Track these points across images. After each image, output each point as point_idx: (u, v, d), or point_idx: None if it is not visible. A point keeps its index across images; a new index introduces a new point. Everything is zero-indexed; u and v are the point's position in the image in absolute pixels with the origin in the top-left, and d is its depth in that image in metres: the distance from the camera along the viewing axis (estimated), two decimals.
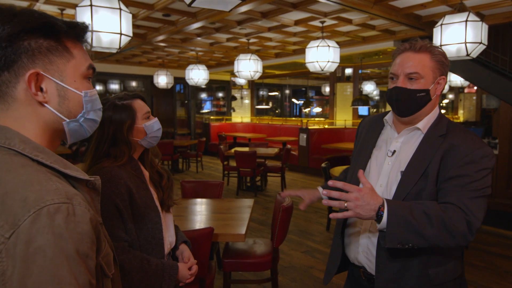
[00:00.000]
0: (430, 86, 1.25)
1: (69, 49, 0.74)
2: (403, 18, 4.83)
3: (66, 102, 0.74)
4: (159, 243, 1.45)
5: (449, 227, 1.12)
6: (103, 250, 0.69)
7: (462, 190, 1.17)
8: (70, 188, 0.65)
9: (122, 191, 1.36)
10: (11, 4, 0.71)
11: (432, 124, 1.29)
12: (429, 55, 1.24)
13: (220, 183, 3.43)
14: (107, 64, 9.92)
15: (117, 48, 3.48)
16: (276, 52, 8.11)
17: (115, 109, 1.44)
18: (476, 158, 1.19)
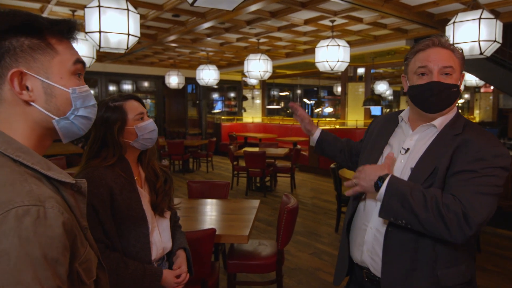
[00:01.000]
0: (458, 82, 1.24)
1: (53, 46, 0.72)
2: (415, 16, 4.73)
3: (54, 99, 0.73)
4: (145, 247, 1.41)
5: (442, 213, 1.08)
6: (81, 255, 0.68)
7: (465, 184, 1.13)
8: (46, 190, 0.63)
9: (101, 191, 1.34)
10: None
11: (448, 123, 1.26)
12: (452, 52, 1.23)
13: (226, 183, 3.42)
14: (119, 65, 10.04)
15: (125, 48, 3.50)
16: (286, 51, 8.06)
17: (106, 111, 1.44)
18: (487, 156, 1.14)
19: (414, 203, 1.10)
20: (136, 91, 13.70)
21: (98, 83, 10.12)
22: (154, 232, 1.49)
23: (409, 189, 1.13)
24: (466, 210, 1.08)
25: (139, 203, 1.45)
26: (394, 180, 1.16)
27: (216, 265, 2.56)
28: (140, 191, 1.49)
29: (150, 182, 1.56)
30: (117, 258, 1.34)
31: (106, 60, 9.33)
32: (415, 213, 1.10)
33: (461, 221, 1.08)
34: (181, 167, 8.84)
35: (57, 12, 5.07)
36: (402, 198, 1.12)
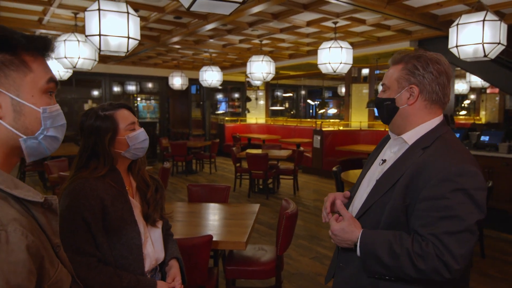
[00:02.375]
0: (395, 95, 1.23)
1: (26, 63, 0.71)
2: (419, 18, 4.68)
3: (23, 118, 0.70)
4: (138, 259, 1.39)
5: (416, 265, 1.05)
6: (51, 277, 0.65)
7: (436, 217, 1.05)
8: (9, 212, 0.61)
9: (92, 203, 1.32)
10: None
11: (421, 136, 1.21)
12: (402, 65, 1.22)
13: (226, 187, 3.39)
14: (124, 66, 10.06)
15: (125, 51, 3.50)
16: (289, 53, 8.03)
17: (96, 120, 1.41)
18: (451, 176, 1.05)
19: (389, 263, 1.09)
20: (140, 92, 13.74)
21: (102, 84, 10.16)
22: (147, 243, 1.46)
23: (381, 249, 1.10)
24: (442, 256, 1.02)
25: (131, 215, 1.42)
26: (365, 244, 1.14)
27: (215, 270, 2.53)
28: (132, 202, 1.46)
29: (141, 191, 1.53)
30: (111, 272, 1.31)
31: (110, 61, 9.36)
32: (394, 272, 1.10)
33: (439, 268, 1.03)
34: (184, 168, 8.84)
35: (60, 15, 5.09)
36: (377, 260, 1.11)
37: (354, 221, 1.20)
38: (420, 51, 1.23)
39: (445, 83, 1.19)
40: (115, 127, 1.42)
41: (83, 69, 4.76)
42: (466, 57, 3.71)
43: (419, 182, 1.10)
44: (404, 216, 1.13)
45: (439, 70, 1.18)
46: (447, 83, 1.20)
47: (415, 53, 1.21)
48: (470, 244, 1.03)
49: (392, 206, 1.14)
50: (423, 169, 1.11)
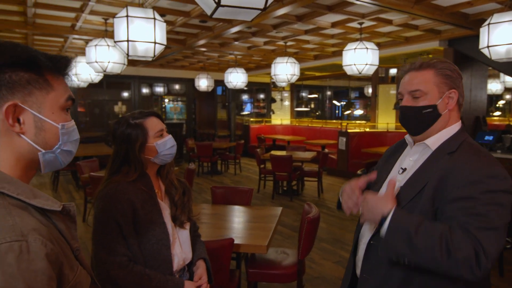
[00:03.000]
0: (437, 102, 1.19)
1: (49, 82, 0.75)
2: (448, 17, 4.54)
3: (43, 133, 0.75)
4: (167, 259, 1.46)
5: (452, 255, 1.00)
6: (70, 281, 0.70)
7: (467, 216, 1.04)
8: (29, 222, 0.65)
9: (124, 206, 1.40)
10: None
11: (444, 141, 1.20)
12: (433, 71, 1.20)
13: (249, 189, 3.42)
14: (152, 69, 10.32)
15: (152, 56, 3.60)
16: (314, 54, 7.98)
17: (127, 128, 1.48)
18: (481, 177, 1.06)
19: (420, 242, 1.03)
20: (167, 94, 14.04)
21: (132, 86, 10.45)
22: (175, 244, 1.53)
23: (414, 227, 1.05)
24: (478, 250, 1.00)
25: (161, 217, 1.49)
26: (397, 216, 1.09)
27: (237, 273, 2.57)
28: (161, 204, 1.53)
29: (169, 194, 1.60)
30: (141, 271, 1.38)
31: (139, 64, 9.62)
32: (420, 253, 1.04)
33: (473, 264, 1.00)
34: (209, 169, 8.96)
35: (91, 21, 5.29)
36: (406, 237, 1.05)
37: (392, 197, 1.14)
38: (436, 59, 1.23)
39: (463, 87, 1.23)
40: (145, 134, 1.49)
41: (112, 72, 4.93)
42: (498, 57, 3.57)
43: (448, 185, 1.09)
44: (434, 220, 1.12)
45: (460, 74, 1.22)
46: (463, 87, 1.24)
47: (435, 60, 1.22)
48: (499, 244, 1.03)
49: (421, 211, 1.12)
50: (452, 172, 1.10)
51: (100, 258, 1.35)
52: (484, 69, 6.29)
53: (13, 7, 4.72)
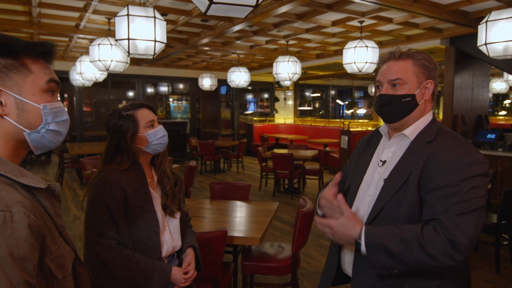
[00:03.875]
0: (415, 91, 1.23)
1: (27, 66, 0.80)
2: (448, 15, 4.55)
3: (25, 114, 0.79)
4: (155, 245, 1.51)
5: (428, 252, 1.06)
6: (53, 252, 0.75)
7: (447, 203, 1.09)
8: (15, 196, 0.70)
9: (115, 193, 1.46)
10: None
11: (421, 131, 1.24)
12: (411, 61, 1.23)
13: (247, 185, 3.48)
14: (156, 68, 10.41)
15: (152, 54, 3.66)
16: (317, 53, 8.01)
17: (119, 119, 1.55)
18: (462, 165, 1.11)
19: (398, 252, 1.09)
20: (172, 93, 14.15)
21: (136, 86, 10.55)
22: (165, 231, 1.59)
23: (389, 239, 1.10)
24: (452, 236, 1.05)
25: (151, 204, 1.56)
26: (371, 236, 1.13)
27: (232, 265, 2.62)
28: (152, 193, 1.60)
29: (162, 184, 1.67)
30: (129, 255, 1.44)
31: (143, 64, 9.72)
32: (403, 261, 1.09)
33: (450, 250, 1.06)
34: (212, 167, 9.03)
35: (95, 20, 5.38)
36: (385, 251, 1.10)
37: (354, 217, 1.18)
38: (413, 49, 1.25)
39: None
40: (136, 125, 1.57)
41: (115, 71, 5.00)
42: (496, 55, 3.58)
43: (430, 174, 1.14)
44: (420, 209, 1.16)
45: (436, 66, 1.25)
46: None
47: (412, 50, 1.25)
48: (478, 225, 1.08)
49: (410, 201, 1.16)
50: (433, 161, 1.15)
51: (91, 240, 1.42)
52: (486, 68, 6.27)
53: (18, 7, 4.82)
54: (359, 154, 1.43)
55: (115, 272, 1.40)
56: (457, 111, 5.98)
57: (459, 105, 5.99)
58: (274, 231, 4.70)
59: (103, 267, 1.40)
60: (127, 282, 1.41)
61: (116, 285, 1.42)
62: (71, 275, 0.83)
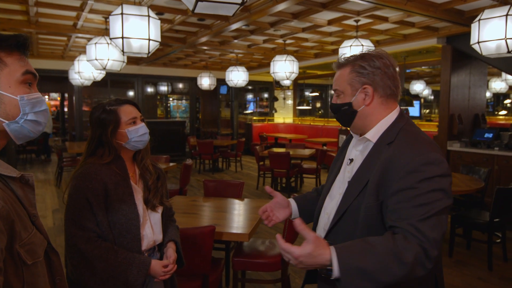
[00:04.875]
0: (351, 99, 1.23)
1: (1, 59, 0.82)
2: (443, 14, 4.56)
3: (3, 106, 0.82)
4: (135, 238, 1.53)
5: (403, 260, 1.00)
6: (23, 239, 0.77)
7: (408, 207, 1.06)
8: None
9: (95, 186, 1.48)
10: None
11: (383, 133, 1.21)
12: (349, 68, 1.22)
13: (240, 183, 3.50)
14: (155, 67, 10.44)
15: (146, 53, 3.68)
16: (315, 52, 8.02)
17: (102, 113, 1.57)
18: (417, 166, 1.07)
19: (374, 270, 1.00)
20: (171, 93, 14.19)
21: (135, 85, 10.59)
22: (145, 225, 1.61)
23: (362, 259, 1.01)
24: (424, 244, 1.01)
25: (132, 198, 1.57)
26: (343, 261, 1.01)
27: (222, 261, 2.64)
28: (134, 187, 1.61)
29: (144, 178, 1.68)
30: (108, 247, 1.46)
31: (142, 63, 9.75)
32: (378, 279, 1.00)
33: (422, 258, 1.02)
34: (211, 166, 9.05)
35: (92, 19, 5.41)
36: (360, 273, 1.00)
37: (319, 241, 1.04)
38: (362, 52, 1.24)
39: (394, 75, 1.20)
40: (117, 120, 1.58)
41: (112, 70, 5.03)
42: (489, 53, 3.58)
43: (388, 178, 1.11)
44: (379, 214, 1.13)
45: (385, 64, 1.19)
46: (396, 75, 1.21)
47: (358, 54, 1.23)
48: (441, 229, 1.04)
49: (366, 206, 1.14)
50: (390, 164, 1.12)
51: (70, 232, 1.44)
52: (483, 67, 6.27)
53: (15, 6, 4.86)
54: (339, 152, 1.44)
55: (94, 264, 1.42)
56: (454, 110, 5.98)
57: (455, 104, 6.00)
58: (269, 229, 4.72)
59: (82, 259, 1.42)
60: (106, 275, 1.43)
61: (95, 277, 1.43)
62: (43, 262, 0.85)
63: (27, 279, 0.78)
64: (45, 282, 0.85)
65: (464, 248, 4.05)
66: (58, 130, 14.78)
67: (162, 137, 10.01)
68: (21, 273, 0.77)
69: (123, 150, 1.62)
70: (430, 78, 12.19)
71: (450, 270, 3.54)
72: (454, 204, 4.54)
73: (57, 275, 0.92)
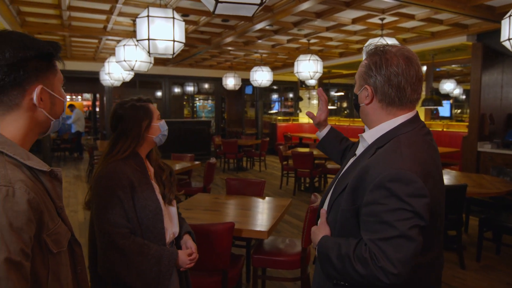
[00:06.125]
0: (357, 92, 1.23)
1: (55, 67, 0.95)
2: (472, 11, 4.42)
3: (55, 107, 0.96)
4: (161, 232, 1.61)
5: (357, 270, 1.04)
6: (50, 229, 0.84)
7: (373, 222, 1.04)
8: (18, 175, 0.80)
9: (124, 184, 1.55)
10: (20, 33, 0.90)
11: (379, 136, 1.18)
12: (366, 60, 1.20)
13: (262, 182, 3.54)
14: (182, 68, 10.66)
15: (171, 53, 3.79)
16: (339, 51, 7.95)
17: (135, 108, 1.66)
18: (383, 182, 1.02)
19: (338, 267, 1.09)
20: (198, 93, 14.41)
21: (163, 86, 10.84)
22: (166, 219, 1.68)
23: (333, 252, 1.11)
24: (380, 264, 1.00)
25: (154, 193, 1.65)
26: (322, 244, 1.17)
27: (242, 258, 2.68)
28: (153, 183, 1.69)
29: (157, 176, 1.77)
30: (141, 242, 1.54)
31: (169, 64, 9.98)
32: (343, 275, 1.10)
33: (380, 276, 1.00)
34: (235, 166, 9.14)
35: (121, 22, 5.60)
36: (328, 260, 1.13)
37: (324, 226, 1.22)
38: (388, 46, 1.17)
39: (401, 84, 1.12)
40: (151, 115, 1.70)
41: (140, 70, 5.19)
42: None
43: (362, 186, 1.09)
44: (354, 218, 1.12)
45: (394, 72, 1.12)
46: (405, 83, 1.12)
47: (383, 48, 1.17)
48: (408, 250, 0.99)
49: (342, 208, 1.14)
50: (366, 173, 1.09)
51: (106, 231, 1.49)
52: None
53: (49, 11, 5.11)
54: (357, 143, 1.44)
55: (133, 258, 1.48)
56: (485, 109, 5.77)
57: (487, 104, 5.79)
58: (291, 228, 4.74)
59: (121, 255, 1.48)
60: (142, 268, 1.50)
61: (132, 271, 1.49)
62: (66, 252, 0.91)
63: (52, 267, 0.85)
64: (68, 271, 0.92)
65: (493, 253, 3.91)
66: (90, 129, 15.35)
67: (187, 137, 10.21)
68: (47, 261, 0.83)
69: (142, 148, 1.70)
70: (461, 77, 11.78)
71: (477, 274, 3.43)
72: (483, 207, 4.39)
73: (79, 265, 0.99)
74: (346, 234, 1.15)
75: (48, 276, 0.84)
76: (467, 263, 3.63)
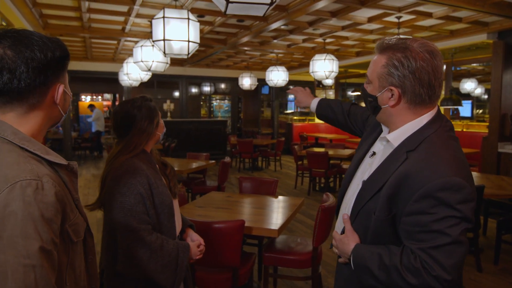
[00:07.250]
0: (377, 93, 1.13)
1: (66, 65, 0.99)
2: (492, 8, 4.31)
3: (66, 103, 1.01)
4: (172, 226, 1.65)
5: (407, 280, 1.02)
6: (71, 219, 0.89)
7: (422, 232, 1.01)
8: (43, 169, 0.85)
9: (144, 181, 1.57)
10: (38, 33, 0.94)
11: (407, 138, 1.11)
12: (386, 58, 1.09)
13: (275, 181, 3.55)
14: (199, 68, 10.77)
15: (186, 54, 3.85)
16: (356, 50, 7.88)
17: (148, 107, 1.70)
18: (432, 191, 0.98)
19: (381, 278, 1.06)
20: (214, 93, 14.54)
21: (180, 86, 10.98)
22: (176, 213, 1.73)
23: (373, 263, 1.08)
24: (435, 273, 0.98)
25: (167, 189, 1.69)
26: (358, 256, 1.13)
27: (253, 256, 2.71)
28: (162, 179, 1.73)
29: (161, 171, 1.81)
30: (162, 237, 1.58)
31: (186, 64, 10.10)
32: (389, 285, 1.06)
33: (433, 284, 0.99)
34: (250, 165, 9.18)
35: (139, 23, 5.72)
36: (369, 272, 1.09)
37: (352, 234, 1.18)
38: (409, 40, 1.08)
39: (431, 81, 1.06)
40: (159, 113, 1.77)
41: (157, 71, 5.29)
42: None
43: (402, 195, 1.04)
44: (390, 227, 1.09)
45: (424, 68, 1.04)
46: (434, 81, 1.06)
47: (403, 43, 1.07)
48: (459, 255, 0.99)
49: (377, 218, 1.09)
50: (405, 181, 1.03)
51: (133, 228, 1.51)
52: None
53: (70, 13, 5.26)
54: (367, 134, 1.36)
55: (158, 253, 1.52)
56: (506, 109, 5.62)
57: (508, 103, 5.63)
58: (305, 228, 4.73)
59: (149, 251, 1.51)
60: (165, 261, 1.54)
61: (157, 265, 1.53)
62: (81, 242, 0.96)
63: (70, 256, 0.90)
64: (81, 260, 0.97)
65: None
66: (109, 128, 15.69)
67: (204, 136, 10.32)
68: (68, 250, 0.89)
69: (148, 144, 1.74)
70: (482, 76, 11.48)
71: (494, 277, 3.36)
72: (501, 209, 4.28)
73: (90, 254, 1.04)
74: (381, 243, 1.12)
75: (68, 265, 0.88)
76: (484, 266, 3.55)
